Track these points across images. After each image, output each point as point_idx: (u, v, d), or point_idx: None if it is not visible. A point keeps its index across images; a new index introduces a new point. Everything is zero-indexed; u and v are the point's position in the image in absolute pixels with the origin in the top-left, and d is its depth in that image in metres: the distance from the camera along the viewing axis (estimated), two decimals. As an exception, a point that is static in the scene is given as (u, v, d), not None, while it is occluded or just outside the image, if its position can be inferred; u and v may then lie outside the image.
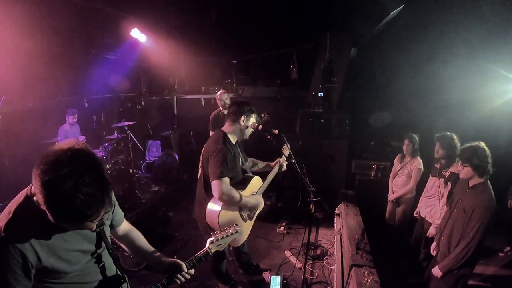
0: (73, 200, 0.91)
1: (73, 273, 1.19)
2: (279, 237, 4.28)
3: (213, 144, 2.48)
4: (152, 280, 1.38)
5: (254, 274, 3.35)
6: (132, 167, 5.32)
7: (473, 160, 2.33)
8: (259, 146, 5.20)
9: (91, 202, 0.94)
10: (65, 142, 1.00)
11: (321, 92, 5.37)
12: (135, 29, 6.01)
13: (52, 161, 0.92)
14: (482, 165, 2.33)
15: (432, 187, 3.38)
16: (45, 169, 0.92)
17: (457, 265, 2.36)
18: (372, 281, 2.14)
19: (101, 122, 6.48)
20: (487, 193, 2.34)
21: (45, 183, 0.91)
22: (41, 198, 0.94)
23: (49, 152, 0.96)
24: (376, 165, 4.84)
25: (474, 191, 2.40)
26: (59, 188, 0.90)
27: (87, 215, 0.96)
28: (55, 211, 0.95)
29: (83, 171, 0.93)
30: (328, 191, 4.43)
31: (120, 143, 5.45)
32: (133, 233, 1.56)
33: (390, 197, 3.95)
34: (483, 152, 2.33)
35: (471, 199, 2.37)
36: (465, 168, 2.39)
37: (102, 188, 0.96)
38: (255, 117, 2.62)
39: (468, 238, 2.30)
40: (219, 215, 2.35)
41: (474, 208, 2.29)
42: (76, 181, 0.91)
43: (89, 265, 1.26)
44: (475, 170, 2.35)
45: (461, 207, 2.44)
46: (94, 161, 0.99)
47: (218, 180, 2.28)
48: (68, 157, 0.93)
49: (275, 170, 2.85)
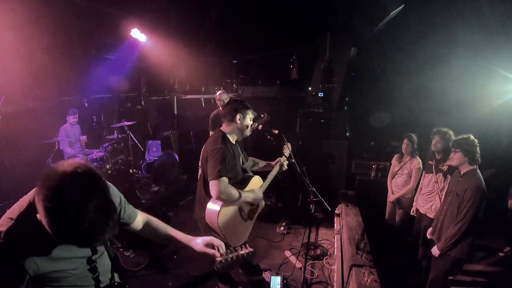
0: (77, 228, 0.89)
1: (71, 277, 1.19)
2: (279, 237, 4.28)
3: (211, 144, 2.47)
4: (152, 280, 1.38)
5: (254, 274, 3.36)
6: (132, 167, 5.32)
7: (464, 146, 2.60)
8: (259, 146, 5.20)
9: (96, 229, 0.92)
10: (68, 163, 0.95)
11: (321, 92, 5.37)
12: (135, 29, 6.01)
13: (55, 187, 0.89)
14: (471, 150, 2.59)
15: (429, 183, 3.41)
16: (48, 195, 0.89)
17: (451, 242, 2.58)
18: (372, 281, 2.14)
19: (101, 122, 6.48)
20: (477, 176, 2.60)
21: (49, 210, 0.89)
22: (45, 223, 0.92)
23: (51, 174, 0.92)
24: (376, 165, 4.85)
25: (466, 177, 2.66)
26: (62, 216, 0.88)
27: (91, 240, 0.96)
28: (59, 235, 0.94)
29: (87, 197, 0.90)
30: (328, 191, 4.43)
31: (120, 143, 5.45)
32: (152, 224, 1.53)
33: (390, 198, 3.94)
34: (473, 141, 2.61)
35: (463, 184, 2.62)
36: (457, 153, 2.66)
37: (106, 213, 0.94)
38: (252, 113, 2.58)
39: (460, 216, 2.54)
40: (219, 214, 2.34)
41: (465, 189, 2.55)
42: (80, 208, 0.88)
43: (86, 269, 1.25)
44: (466, 155, 2.61)
45: (454, 193, 2.69)
46: (98, 185, 0.96)
47: (217, 180, 2.27)
48: (72, 182, 0.90)
49: (275, 169, 2.84)
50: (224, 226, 2.37)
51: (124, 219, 1.41)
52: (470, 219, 2.50)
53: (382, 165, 4.82)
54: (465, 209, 2.51)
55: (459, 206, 2.57)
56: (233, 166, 2.46)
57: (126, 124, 5.31)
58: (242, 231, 2.61)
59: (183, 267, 3.46)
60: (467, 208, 2.50)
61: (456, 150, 2.66)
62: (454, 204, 2.65)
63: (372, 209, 4.20)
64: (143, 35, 6.18)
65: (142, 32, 6.13)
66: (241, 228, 2.59)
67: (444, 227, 2.76)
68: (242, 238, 2.62)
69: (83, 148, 5.49)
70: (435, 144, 3.33)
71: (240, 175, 2.62)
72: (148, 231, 1.53)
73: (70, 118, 5.26)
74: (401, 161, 3.88)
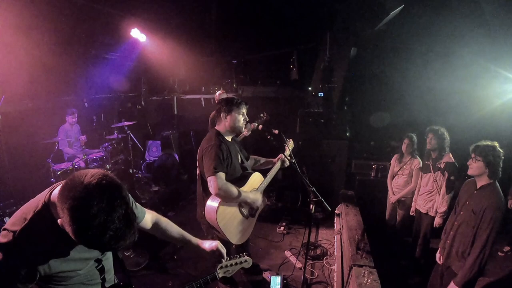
0: (102, 236, 0.94)
1: (78, 276, 1.21)
2: (279, 237, 4.28)
3: (206, 142, 2.50)
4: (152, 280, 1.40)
5: (254, 274, 3.35)
6: (132, 167, 5.32)
7: (488, 156, 2.25)
8: (259, 146, 5.20)
9: (119, 238, 0.97)
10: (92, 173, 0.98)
11: (321, 92, 5.37)
12: (135, 29, 6.01)
13: (82, 198, 0.93)
14: (495, 163, 2.25)
15: (427, 183, 3.42)
16: (74, 206, 0.93)
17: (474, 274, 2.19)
18: (372, 281, 2.14)
19: (101, 122, 6.49)
20: (497, 193, 2.25)
21: (75, 220, 0.93)
22: (70, 230, 0.95)
23: (77, 185, 0.95)
24: (376, 165, 4.85)
25: (483, 192, 2.30)
26: (89, 226, 0.92)
27: (114, 247, 1.00)
28: (83, 242, 0.98)
29: (112, 208, 0.95)
30: (328, 191, 4.43)
31: (120, 143, 5.45)
32: (162, 224, 1.59)
33: (392, 199, 3.91)
34: (499, 153, 2.27)
35: (481, 200, 2.27)
36: (477, 162, 2.30)
37: (129, 222, 0.99)
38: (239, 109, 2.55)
39: (481, 241, 2.18)
40: (217, 211, 2.33)
41: (485, 209, 2.19)
42: (105, 219, 0.93)
43: (94, 269, 1.29)
44: (487, 167, 2.27)
45: (469, 208, 2.34)
46: (121, 195, 0.99)
47: (213, 176, 2.29)
48: (98, 194, 0.94)
49: (277, 166, 2.83)
50: (224, 223, 2.36)
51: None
52: (491, 242, 2.15)
53: (382, 165, 4.82)
54: (487, 232, 2.15)
55: (477, 227, 2.22)
56: (229, 162, 2.47)
57: (126, 124, 5.31)
58: (243, 229, 2.58)
59: (183, 267, 3.46)
60: (488, 230, 2.15)
61: (478, 158, 2.29)
62: (469, 223, 2.30)
63: (372, 209, 4.20)
64: (143, 35, 6.18)
65: (142, 32, 6.13)
66: (242, 226, 2.56)
67: (455, 245, 2.43)
68: (243, 236, 2.60)
69: (83, 148, 5.49)
70: (429, 142, 3.37)
71: (239, 172, 2.62)
72: (157, 231, 1.58)
73: (69, 118, 5.27)
74: (401, 161, 3.87)
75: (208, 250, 1.61)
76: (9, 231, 1.04)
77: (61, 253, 1.11)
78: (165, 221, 1.61)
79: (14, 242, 1.03)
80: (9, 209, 3.37)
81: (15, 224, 1.06)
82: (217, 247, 1.61)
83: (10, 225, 1.07)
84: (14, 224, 1.06)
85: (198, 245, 1.63)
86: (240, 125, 2.58)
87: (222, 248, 1.62)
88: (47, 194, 1.10)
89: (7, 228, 1.06)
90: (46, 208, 1.08)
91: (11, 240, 1.03)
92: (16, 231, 1.04)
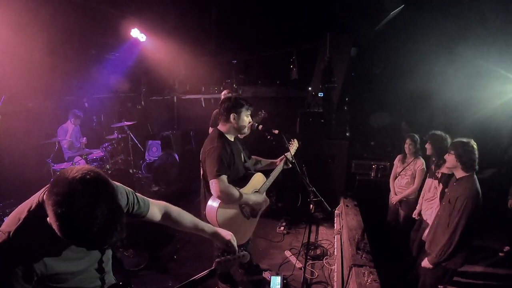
0: (87, 232, 0.92)
1: (77, 277, 1.20)
2: (279, 237, 4.28)
3: (208, 143, 2.48)
4: (152, 280, 1.39)
5: (254, 274, 3.35)
6: (132, 167, 5.32)
7: (458, 149, 2.42)
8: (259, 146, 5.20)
9: (105, 233, 0.95)
10: (77, 169, 0.97)
11: (321, 92, 5.37)
12: (135, 29, 6.01)
13: (65, 193, 0.91)
14: (465, 155, 2.39)
15: (430, 188, 3.38)
16: (58, 201, 0.91)
17: (443, 256, 2.40)
18: (372, 281, 2.14)
19: (101, 122, 6.49)
20: (471, 183, 2.40)
21: (59, 216, 0.92)
22: (55, 227, 0.94)
23: (61, 180, 0.94)
24: (376, 165, 4.84)
25: (460, 183, 2.49)
26: (73, 221, 0.91)
27: (100, 244, 0.99)
28: (69, 239, 0.97)
29: (96, 203, 0.93)
30: (328, 191, 4.42)
31: (120, 143, 5.45)
32: (173, 214, 1.57)
33: (393, 199, 3.87)
34: (470, 147, 2.41)
35: (457, 190, 2.46)
36: (450, 155, 2.50)
37: (114, 218, 0.97)
38: (247, 109, 2.54)
39: (451, 227, 2.35)
40: (217, 211, 2.32)
41: (457, 197, 2.37)
42: (90, 214, 0.91)
43: (93, 269, 1.27)
44: (458, 159, 2.43)
45: (447, 198, 2.55)
46: (106, 190, 0.98)
47: (216, 179, 2.28)
48: (81, 189, 0.93)
49: (280, 167, 2.80)
50: (224, 224, 2.35)
51: (136, 214, 1.43)
52: (461, 230, 2.29)
53: (382, 165, 4.81)
54: (456, 219, 2.31)
55: (451, 215, 2.39)
56: (231, 163, 2.45)
57: (126, 124, 5.30)
58: (244, 229, 2.57)
59: (183, 267, 3.45)
60: (458, 218, 2.30)
61: (450, 152, 2.49)
62: (446, 212, 2.48)
63: (372, 209, 4.19)
64: (143, 35, 6.19)
65: (142, 32, 6.14)
66: (243, 226, 2.55)
67: (436, 236, 2.59)
68: (245, 236, 2.59)
69: (83, 148, 5.48)
70: (428, 149, 3.33)
71: (242, 172, 2.61)
72: (168, 221, 1.56)
73: (72, 120, 5.21)
74: (404, 162, 3.82)
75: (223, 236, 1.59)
76: (4, 232, 1.04)
77: (56, 252, 1.10)
78: (176, 211, 1.58)
79: (8, 243, 1.02)
80: (9, 209, 3.36)
81: (10, 224, 1.06)
82: (230, 240, 1.59)
83: (5, 226, 1.06)
84: (9, 224, 1.06)
85: (214, 232, 1.60)
86: (246, 125, 2.57)
87: (234, 241, 1.60)
88: (41, 194, 1.09)
89: (1, 229, 1.05)
90: (40, 208, 1.06)
91: (6, 241, 1.02)
92: (11, 231, 1.03)
